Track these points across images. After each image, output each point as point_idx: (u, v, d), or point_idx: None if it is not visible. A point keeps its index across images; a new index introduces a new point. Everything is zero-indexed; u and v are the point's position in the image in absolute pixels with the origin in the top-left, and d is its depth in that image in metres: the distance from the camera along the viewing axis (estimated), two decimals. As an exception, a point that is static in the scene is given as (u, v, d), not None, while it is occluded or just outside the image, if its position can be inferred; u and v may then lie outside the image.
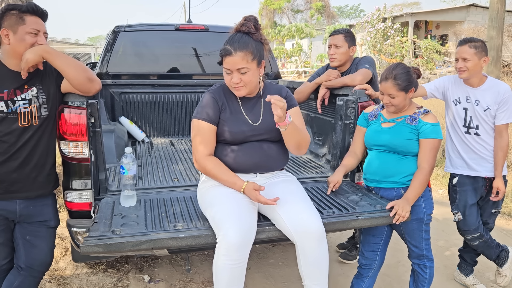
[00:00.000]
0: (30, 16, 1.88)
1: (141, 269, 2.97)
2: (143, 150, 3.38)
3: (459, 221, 2.61)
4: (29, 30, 1.87)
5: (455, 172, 2.66)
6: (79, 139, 2.06)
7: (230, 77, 1.92)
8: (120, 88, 3.74)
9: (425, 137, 2.12)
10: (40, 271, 2.08)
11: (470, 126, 2.55)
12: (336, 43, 2.86)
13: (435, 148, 2.13)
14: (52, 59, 1.88)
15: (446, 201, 4.58)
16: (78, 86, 1.97)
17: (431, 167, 2.12)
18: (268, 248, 3.33)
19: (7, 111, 1.86)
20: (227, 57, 1.88)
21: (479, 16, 19.60)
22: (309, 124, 3.29)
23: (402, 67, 2.14)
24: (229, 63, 1.88)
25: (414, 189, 2.11)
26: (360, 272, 2.41)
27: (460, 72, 2.48)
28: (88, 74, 1.98)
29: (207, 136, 1.98)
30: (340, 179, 2.33)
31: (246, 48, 1.87)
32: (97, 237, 1.71)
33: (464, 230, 2.62)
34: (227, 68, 1.91)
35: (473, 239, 2.62)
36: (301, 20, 35.15)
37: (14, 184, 1.92)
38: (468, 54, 2.43)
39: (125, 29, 3.75)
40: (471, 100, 2.54)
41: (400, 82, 2.10)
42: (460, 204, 2.61)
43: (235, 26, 1.97)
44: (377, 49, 19.36)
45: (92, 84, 2.00)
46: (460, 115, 2.58)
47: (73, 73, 1.92)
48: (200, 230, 1.84)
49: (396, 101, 2.13)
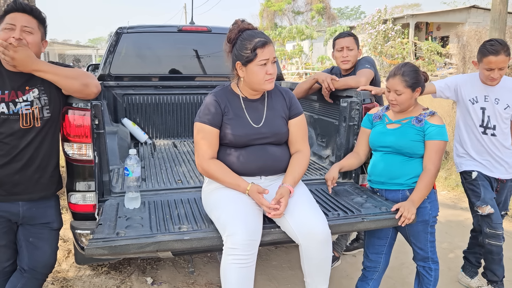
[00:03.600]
0: (10, 13, 1.86)
1: (144, 271, 2.95)
2: (146, 152, 3.37)
3: (490, 215, 2.43)
4: (4, 26, 1.84)
5: (470, 169, 2.56)
6: (83, 141, 2.05)
7: (265, 70, 1.91)
8: (122, 89, 3.73)
9: (431, 139, 2.10)
10: (43, 273, 2.07)
11: (488, 126, 2.49)
12: (348, 46, 2.86)
13: (441, 150, 2.12)
14: (43, 75, 1.88)
15: (449, 203, 4.58)
16: (75, 94, 1.99)
17: (437, 169, 2.11)
18: (271, 250, 3.32)
19: (8, 113, 1.84)
20: (265, 47, 1.89)
21: (480, 18, 19.58)
22: (313, 126, 3.28)
23: (411, 65, 2.15)
24: (268, 52, 1.90)
25: (419, 191, 2.09)
26: (364, 275, 2.39)
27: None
28: (82, 81, 1.96)
29: (209, 139, 1.97)
30: (335, 175, 2.32)
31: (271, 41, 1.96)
32: (102, 239, 1.70)
33: (496, 224, 2.44)
34: (264, 59, 1.89)
35: (502, 236, 2.46)
36: (302, 22, 35.18)
37: (17, 186, 1.91)
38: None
39: (127, 30, 3.75)
40: (490, 98, 2.47)
41: (408, 79, 2.10)
42: (486, 197, 2.46)
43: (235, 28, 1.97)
44: (378, 51, 19.36)
45: (88, 89, 1.99)
46: (477, 114, 2.51)
47: (66, 84, 1.93)
48: (205, 232, 1.83)
49: (402, 99, 2.13)
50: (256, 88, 2.01)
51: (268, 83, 1.96)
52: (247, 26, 1.96)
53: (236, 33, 1.95)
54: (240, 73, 1.97)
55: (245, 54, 1.90)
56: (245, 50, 1.89)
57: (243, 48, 1.90)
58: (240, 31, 1.95)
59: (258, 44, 1.88)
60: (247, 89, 2.03)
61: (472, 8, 20.20)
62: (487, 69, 2.38)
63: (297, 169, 2.03)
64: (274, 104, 2.09)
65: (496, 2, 7.34)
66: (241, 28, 1.95)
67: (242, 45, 1.91)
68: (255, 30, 1.96)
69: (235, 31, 1.95)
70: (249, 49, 1.88)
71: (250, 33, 1.93)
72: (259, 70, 1.92)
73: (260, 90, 2.03)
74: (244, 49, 1.89)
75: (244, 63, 1.92)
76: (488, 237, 2.48)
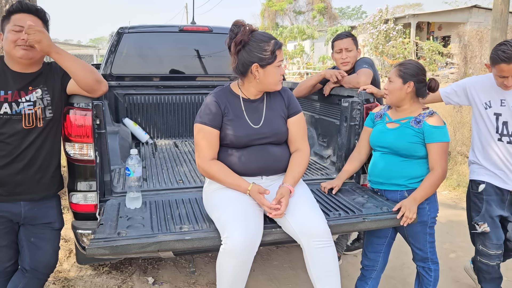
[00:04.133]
0: (16, 14, 1.86)
1: (145, 271, 2.96)
2: (147, 152, 3.37)
3: (485, 233, 2.30)
4: (12, 27, 1.84)
5: (480, 179, 2.36)
6: (84, 141, 2.05)
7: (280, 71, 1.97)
8: (124, 89, 3.74)
9: (433, 141, 2.09)
10: (45, 273, 2.07)
11: (503, 133, 2.26)
12: (347, 47, 2.86)
13: (445, 151, 2.11)
14: (61, 60, 1.87)
15: (450, 203, 4.58)
16: (86, 88, 1.96)
17: (444, 171, 2.09)
18: (272, 250, 3.32)
19: (11, 113, 1.85)
20: (281, 48, 1.96)
21: (481, 18, 19.56)
22: (314, 126, 3.28)
23: (416, 62, 2.17)
24: (282, 54, 1.98)
25: (423, 189, 2.08)
26: (363, 274, 2.40)
27: None
28: (96, 76, 1.98)
29: (209, 140, 1.97)
30: (339, 185, 2.38)
31: None
32: (103, 239, 1.71)
33: (490, 244, 2.30)
34: (280, 60, 1.95)
35: (495, 257, 2.31)
36: (303, 22, 35.18)
37: (19, 186, 1.91)
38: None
39: (129, 30, 3.75)
40: (507, 103, 2.24)
41: (402, 68, 2.12)
42: (486, 214, 2.30)
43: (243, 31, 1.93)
44: (379, 51, 19.35)
45: (100, 86, 2.00)
46: (491, 120, 2.28)
47: (82, 75, 1.92)
48: (206, 232, 1.83)
49: (392, 87, 2.15)
50: (268, 89, 2.03)
51: (280, 83, 2.02)
52: (253, 28, 1.96)
53: (248, 35, 1.92)
54: (255, 74, 1.94)
55: (265, 56, 1.90)
56: (264, 52, 1.89)
57: (261, 50, 1.89)
58: (251, 33, 1.94)
59: (277, 46, 1.92)
60: (251, 90, 2.03)
61: (473, 7, 20.19)
62: (500, 76, 2.17)
63: (297, 168, 2.03)
64: (273, 104, 2.09)
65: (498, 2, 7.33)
66: (251, 29, 1.94)
67: (260, 47, 1.89)
68: (261, 31, 1.98)
69: (248, 33, 1.92)
70: (269, 51, 1.89)
71: (262, 34, 1.94)
72: (276, 72, 1.95)
73: (271, 91, 2.05)
74: (263, 51, 1.89)
75: (263, 65, 1.91)
76: (480, 255, 2.37)
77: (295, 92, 3.07)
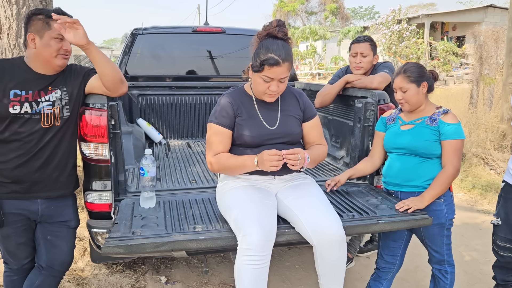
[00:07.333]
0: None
1: (158, 270, 2.98)
2: (160, 152, 3.40)
3: (496, 225, 2.30)
4: (55, 35, 1.89)
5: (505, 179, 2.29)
6: (100, 141, 2.07)
7: (267, 85, 1.90)
8: (138, 90, 3.77)
9: (447, 138, 2.07)
10: (61, 270, 2.10)
11: None
12: (362, 52, 2.82)
13: (459, 149, 2.08)
14: (95, 53, 1.92)
15: (465, 205, 4.52)
16: (111, 85, 2.00)
17: (456, 169, 2.07)
18: (284, 251, 3.31)
19: (31, 112, 1.88)
20: (273, 67, 1.83)
21: (497, 17, 19.26)
22: (327, 127, 3.27)
23: (412, 63, 2.16)
24: (276, 72, 1.85)
25: (433, 189, 2.06)
26: (378, 275, 2.38)
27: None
28: (121, 75, 2.04)
29: (221, 140, 1.98)
30: (342, 180, 2.37)
31: (291, 58, 1.88)
32: (118, 238, 1.72)
33: (499, 236, 2.29)
34: (268, 77, 1.87)
35: (505, 249, 2.28)
36: (315, 22, 35.10)
37: (36, 184, 1.94)
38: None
39: (143, 31, 3.79)
40: None
41: (410, 74, 2.11)
42: (501, 210, 2.29)
43: (266, 29, 1.92)
44: (392, 51, 19.20)
45: (122, 85, 2.05)
46: None
47: (111, 71, 1.97)
48: (220, 232, 1.83)
49: (408, 95, 2.12)
50: (258, 96, 2.02)
51: (267, 96, 1.96)
52: (276, 33, 1.90)
53: (264, 35, 1.92)
54: (249, 74, 1.98)
55: (255, 63, 1.89)
56: (258, 58, 1.87)
57: (257, 56, 1.88)
58: (267, 35, 1.91)
59: (268, 61, 1.83)
60: None
61: (489, 7, 19.89)
62: None
63: (315, 151, 2.06)
64: (287, 105, 2.09)
65: (514, 1, 7.19)
66: (269, 32, 1.91)
67: (258, 52, 1.88)
68: (278, 41, 1.88)
69: (264, 33, 1.91)
70: (259, 60, 1.85)
71: (271, 43, 1.87)
72: (261, 83, 1.91)
73: (260, 99, 2.02)
74: (257, 57, 1.87)
75: (253, 69, 1.92)
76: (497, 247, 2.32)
77: (319, 102, 2.98)
